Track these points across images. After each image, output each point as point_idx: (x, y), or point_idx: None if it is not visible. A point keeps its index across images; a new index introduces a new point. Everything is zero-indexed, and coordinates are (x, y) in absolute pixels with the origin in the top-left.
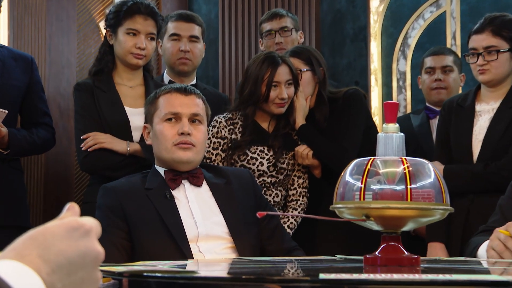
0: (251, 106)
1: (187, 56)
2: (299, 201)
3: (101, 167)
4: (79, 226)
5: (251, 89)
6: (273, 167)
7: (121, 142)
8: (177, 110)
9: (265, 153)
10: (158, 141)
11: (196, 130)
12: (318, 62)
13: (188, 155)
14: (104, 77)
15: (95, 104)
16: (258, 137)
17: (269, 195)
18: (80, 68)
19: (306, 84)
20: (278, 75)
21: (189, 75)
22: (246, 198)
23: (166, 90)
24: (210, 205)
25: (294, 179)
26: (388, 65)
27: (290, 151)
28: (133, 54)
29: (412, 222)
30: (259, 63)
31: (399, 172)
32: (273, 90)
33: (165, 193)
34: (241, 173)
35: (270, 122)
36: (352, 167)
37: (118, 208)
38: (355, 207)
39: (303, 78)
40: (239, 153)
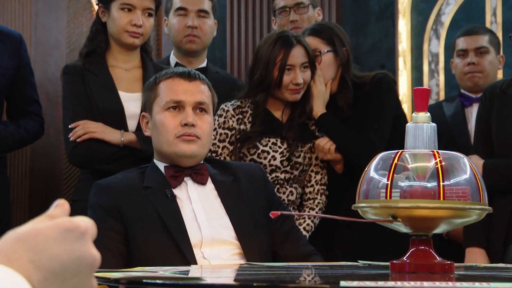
0: (262, 93)
1: (195, 32)
2: (317, 199)
3: (92, 160)
4: (74, 227)
5: (261, 73)
6: (287, 162)
7: (115, 132)
8: (180, 98)
9: (278, 146)
10: (158, 132)
11: (201, 120)
12: (341, 42)
13: (192, 149)
14: (96, 58)
15: (86, 89)
16: (270, 127)
17: (282, 193)
18: (70, 49)
19: (326, 67)
20: (292, 58)
21: (198, 55)
22: (257, 197)
23: (167, 75)
24: (215, 206)
25: (311, 175)
26: (418, 46)
27: (306, 143)
28: (129, 32)
29: (445, 224)
30: (271, 44)
31: (431, 167)
32: (287, 74)
33: (166, 192)
34: (251, 168)
35: (284, 111)
36: (377, 162)
37: (114, 208)
38: (381, 206)
39: (323, 60)
40: (248, 146)
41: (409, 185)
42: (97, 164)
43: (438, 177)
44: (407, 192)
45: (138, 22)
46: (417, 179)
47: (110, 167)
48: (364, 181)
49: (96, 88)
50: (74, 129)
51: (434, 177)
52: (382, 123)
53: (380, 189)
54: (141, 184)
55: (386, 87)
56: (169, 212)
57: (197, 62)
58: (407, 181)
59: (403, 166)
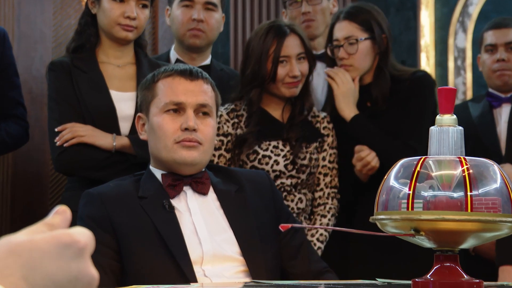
0: (256, 89)
1: (200, 26)
2: (328, 204)
3: (80, 167)
4: (73, 242)
5: (254, 68)
6: (291, 165)
7: (106, 136)
8: (180, 100)
9: (280, 149)
10: (156, 136)
11: (204, 124)
12: (380, 27)
13: (193, 156)
14: (86, 54)
15: (74, 87)
16: (270, 130)
17: (290, 200)
18: (56, 43)
19: (363, 56)
20: (287, 48)
21: (202, 51)
22: (264, 209)
23: (167, 73)
24: (218, 218)
25: (319, 177)
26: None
27: (311, 143)
28: (121, 25)
29: (473, 238)
30: (262, 35)
31: (457, 175)
32: (282, 66)
33: (163, 202)
34: (257, 176)
35: (284, 110)
36: (397, 169)
37: (105, 220)
38: (402, 218)
39: (360, 49)
40: (247, 151)
41: (433, 195)
42: (86, 171)
43: (465, 186)
44: (430, 203)
45: (131, 14)
46: (442, 189)
47: (101, 174)
48: (383, 190)
49: (85, 87)
50: (61, 132)
51: (460, 186)
52: (423, 128)
53: (401, 200)
54: (135, 194)
55: (428, 89)
56: (166, 225)
57: (200, 58)
58: (431, 190)
59: (426, 174)
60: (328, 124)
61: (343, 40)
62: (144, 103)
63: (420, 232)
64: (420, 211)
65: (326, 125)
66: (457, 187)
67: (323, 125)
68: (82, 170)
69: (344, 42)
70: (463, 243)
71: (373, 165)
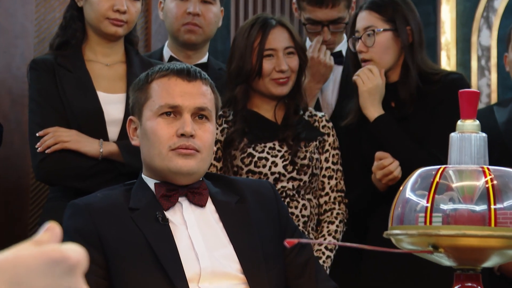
0: (241, 86)
1: (196, 21)
2: (335, 210)
3: (64, 176)
4: (63, 259)
5: (238, 63)
6: (291, 166)
7: (92, 141)
8: (176, 102)
9: (277, 150)
10: (149, 142)
11: (202, 129)
12: (405, 19)
13: (189, 165)
14: (71, 51)
15: (57, 88)
16: (263, 131)
17: (294, 207)
18: (39, 39)
19: (383, 50)
20: (273, 41)
21: (199, 48)
22: (267, 222)
23: (162, 72)
24: (217, 232)
25: (323, 181)
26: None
27: (310, 142)
28: (110, 19)
29: (497, 256)
30: (247, 29)
31: (480, 187)
32: (268, 60)
33: (157, 215)
34: (260, 186)
35: (276, 111)
36: (414, 179)
37: (93, 234)
38: (419, 234)
39: (378, 41)
40: (238, 154)
41: (453, 208)
42: (70, 180)
43: (489, 198)
44: (450, 217)
45: (121, 7)
46: (463, 201)
47: (86, 184)
48: (399, 203)
49: (69, 88)
50: (43, 137)
51: (483, 199)
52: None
53: (418, 213)
54: (126, 205)
55: None
56: (160, 239)
57: (196, 56)
58: (451, 203)
59: (446, 185)
60: (327, 123)
61: (363, 31)
62: (137, 105)
63: (439, 249)
64: (439, 225)
65: (325, 123)
66: (479, 200)
67: (322, 124)
68: (65, 180)
69: (363, 33)
70: (486, 261)
71: (396, 175)
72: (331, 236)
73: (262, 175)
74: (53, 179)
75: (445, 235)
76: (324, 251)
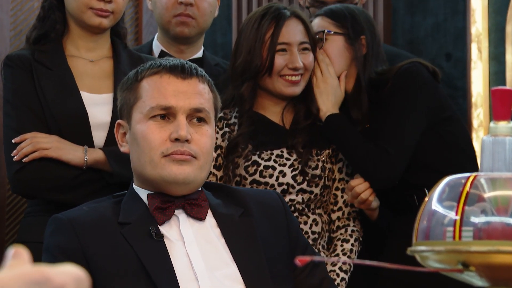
0: (248, 82)
1: (188, 11)
2: (350, 226)
3: (44, 187)
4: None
5: (246, 58)
6: (301, 176)
7: (75, 148)
8: (169, 103)
9: (286, 158)
10: (139, 149)
11: (199, 133)
12: (360, 28)
13: (185, 172)
14: (50, 46)
15: (35, 88)
16: (270, 136)
17: (303, 223)
18: (15, 32)
19: (336, 53)
20: (287, 34)
21: (193, 42)
22: (275, 237)
23: (153, 70)
24: (218, 249)
25: (336, 194)
26: (498, 28)
27: (323, 149)
28: (94, 9)
29: None
30: (257, 20)
31: None
32: (280, 55)
33: (150, 230)
34: (267, 197)
35: (284, 115)
36: (442, 189)
37: (78, 252)
38: (447, 250)
39: (329, 43)
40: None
41: (486, 221)
42: (50, 193)
43: None
44: (483, 231)
45: None
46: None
47: (69, 197)
48: (424, 215)
49: (49, 87)
50: (19, 144)
51: None
52: (403, 128)
53: (446, 227)
54: (115, 219)
55: (410, 80)
56: (154, 257)
57: (190, 51)
58: (483, 215)
59: (477, 196)
60: None
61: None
62: (125, 107)
63: (470, 267)
64: (469, 241)
65: None
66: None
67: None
68: (45, 192)
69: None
70: None
71: (364, 198)
72: (346, 256)
73: (268, 186)
74: (32, 191)
75: (477, 251)
76: (338, 273)
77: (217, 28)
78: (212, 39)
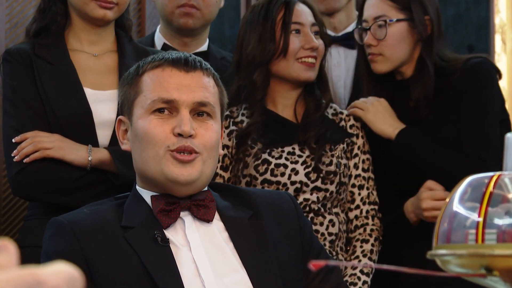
0: (261, 69)
1: (193, 2)
2: (369, 226)
3: (45, 189)
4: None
5: (256, 46)
6: (315, 173)
7: (78, 148)
8: (172, 96)
9: (298, 155)
10: (141, 145)
11: (203, 128)
12: (423, 7)
13: (188, 172)
14: (51, 39)
15: (36, 84)
16: (280, 133)
17: (319, 224)
18: (11, 24)
19: (395, 44)
20: (299, 14)
21: (197, 34)
22: (287, 241)
23: (155, 63)
24: (226, 254)
25: (353, 191)
26: None
27: (337, 144)
28: (97, 1)
29: None
30: (263, 6)
31: None
32: (294, 36)
33: (155, 235)
34: (278, 199)
35: (296, 109)
36: (463, 189)
37: (79, 257)
38: (469, 254)
39: (391, 33)
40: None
41: (510, 223)
42: (52, 195)
43: None
44: (507, 234)
45: None
46: None
47: (72, 199)
48: (445, 217)
49: (51, 83)
50: (20, 144)
51: None
52: (490, 131)
53: (468, 229)
54: (118, 223)
55: (486, 78)
56: (159, 263)
57: (194, 44)
58: (507, 217)
59: (501, 196)
60: (356, 122)
61: (372, 21)
62: (126, 102)
63: (493, 272)
64: (493, 244)
65: (353, 123)
66: None
67: (349, 124)
68: (47, 194)
69: (372, 24)
70: None
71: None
72: (367, 258)
73: (280, 186)
74: (33, 193)
75: (501, 255)
76: (359, 276)
77: (225, 20)
78: (219, 31)
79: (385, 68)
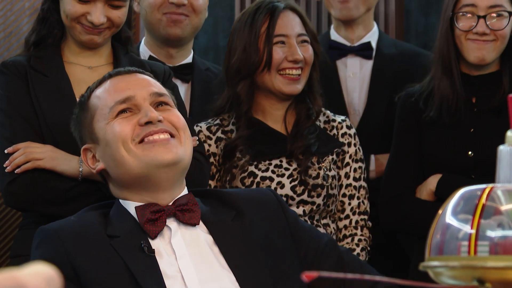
0: (244, 81)
1: (181, 10)
2: (357, 236)
3: (37, 200)
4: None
5: (241, 55)
6: (300, 187)
7: (70, 159)
8: (127, 94)
9: (284, 168)
10: (111, 149)
11: (167, 113)
12: None
13: (173, 151)
14: (47, 52)
15: (30, 96)
16: (268, 144)
17: None
18: (5, 33)
19: (508, 34)
20: (284, 26)
21: (183, 45)
22: (274, 235)
23: (97, 83)
24: (211, 259)
25: (343, 201)
26: None
27: (325, 154)
28: (83, 25)
29: None
30: (249, 16)
31: None
32: (278, 47)
33: (141, 244)
34: (259, 194)
35: (286, 118)
36: (456, 202)
37: (66, 264)
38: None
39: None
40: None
41: (503, 235)
42: (44, 205)
43: None
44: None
45: (96, 20)
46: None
47: (64, 209)
48: (438, 229)
49: (44, 95)
50: (12, 155)
51: None
52: None
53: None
54: (104, 231)
55: None
56: (145, 272)
57: (180, 55)
58: (499, 229)
59: (494, 209)
60: (349, 129)
61: (486, 10)
62: (85, 130)
63: (486, 284)
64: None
65: (345, 130)
66: None
67: (341, 132)
68: (38, 204)
69: (488, 13)
70: None
71: None
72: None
73: None
74: (24, 204)
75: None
76: None
77: (220, 30)
78: (214, 42)
79: (491, 58)
